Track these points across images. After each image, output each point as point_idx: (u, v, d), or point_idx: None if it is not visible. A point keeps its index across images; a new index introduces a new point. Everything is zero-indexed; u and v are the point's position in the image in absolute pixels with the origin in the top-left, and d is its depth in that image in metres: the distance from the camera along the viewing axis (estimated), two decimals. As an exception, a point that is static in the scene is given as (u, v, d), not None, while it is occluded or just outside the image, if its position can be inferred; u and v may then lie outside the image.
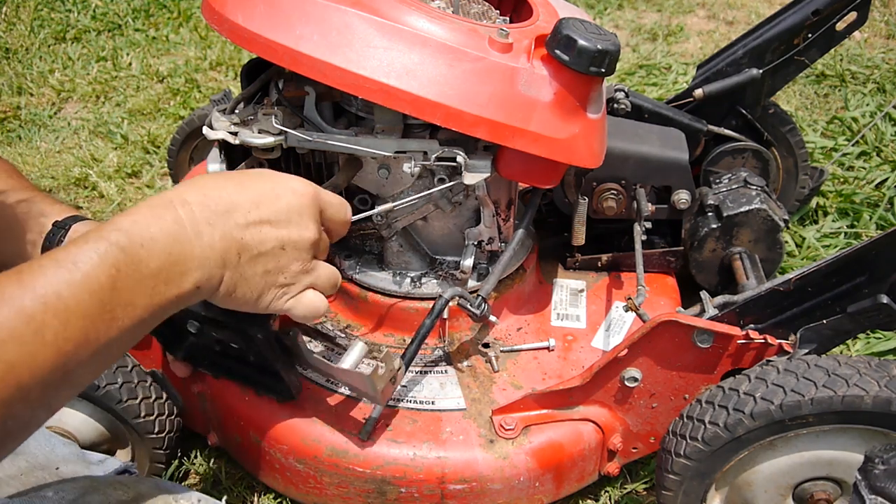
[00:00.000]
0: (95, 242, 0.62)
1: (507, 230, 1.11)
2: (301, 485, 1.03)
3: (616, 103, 1.31)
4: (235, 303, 0.76)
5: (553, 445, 1.01)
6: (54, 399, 0.59)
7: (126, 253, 0.63)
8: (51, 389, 0.57)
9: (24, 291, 0.56)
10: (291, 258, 0.78)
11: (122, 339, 0.63)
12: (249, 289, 0.76)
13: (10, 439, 0.58)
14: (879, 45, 2.40)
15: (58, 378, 0.57)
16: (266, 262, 0.76)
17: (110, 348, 0.62)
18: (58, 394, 0.59)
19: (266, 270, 0.76)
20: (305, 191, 0.80)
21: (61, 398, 0.61)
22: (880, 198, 1.67)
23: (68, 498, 0.81)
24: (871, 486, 0.71)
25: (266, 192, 0.76)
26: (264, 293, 0.77)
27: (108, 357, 0.64)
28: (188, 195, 0.71)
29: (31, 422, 0.58)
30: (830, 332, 0.91)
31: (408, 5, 0.90)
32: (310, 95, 1.00)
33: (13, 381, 0.54)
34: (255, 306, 0.78)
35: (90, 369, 0.62)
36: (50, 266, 0.59)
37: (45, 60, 2.44)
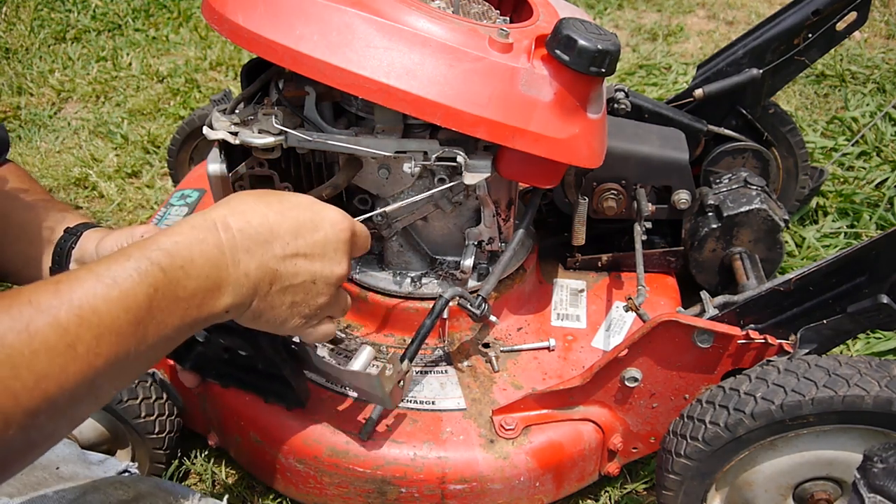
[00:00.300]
0: (137, 261, 0.62)
1: (507, 230, 1.11)
2: (301, 485, 1.03)
3: (616, 103, 1.31)
4: (257, 325, 0.77)
5: (553, 445, 1.01)
6: (78, 412, 0.59)
7: (166, 273, 0.63)
8: (76, 402, 0.57)
9: (61, 303, 0.56)
10: (319, 292, 0.79)
11: (148, 356, 0.63)
12: (275, 315, 0.76)
13: (33, 450, 0.57)
14: (879, 45, 2.40)
15: (84, 391, 0.57)
16: (295, 293, 0.76)
17: (136, 364, 0.62)
18: (82, 407, 0.59)
19: (294, 302, 0.77)
20: (344, 225, 0.80)
21: (85, 411, 0.61)
22: (880, 198, 1.67)
23: (68, 498, 0.81)
24: (870, 485, 0.71)
25: (305, 223, 0.76)
26: (288, 321, 0.78)
27: (133, 372, 0.63)
28: (231, 219, 0.71)
29: (53, 433, 0.58)
30: (830, 332, 0.91)
31: (408, 5, 0.90)
32: (310, 95, 1.00)
33: (40, 393, 0.54)
34: (275, 330, 0.79)
35: (115, 384, 0.62)
36: (89, 279, 0.58)
37: (45, 60, 2.44)
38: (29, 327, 0.53)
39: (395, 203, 1.06)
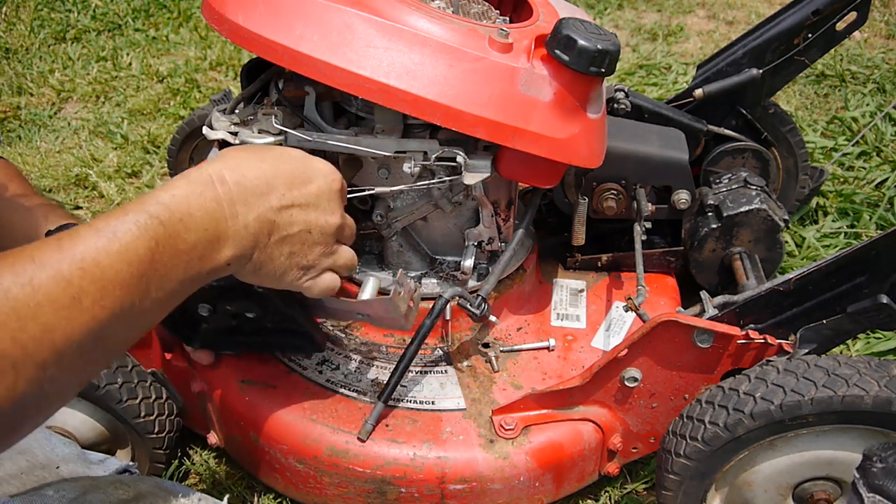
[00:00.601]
0: (136, 214, 0.63)
1: (507, 230, 1.11)
2: (301, 485, 1.03)
3: (616, 103, 1.31)
4: (258, 279, 0.79)
5: (553, 445, 1.01)
6: (87, 366, 0.60)
7: (165, 227, 0.64)
8: (84, 356, 0.58)
9: (63, 257, 0.57)
10: (316, 241, 0.81)
11: (153, 310, 0.64)
12: (274, 267, 0.78)
13: (45, 405, 0.58)
14: (879, 45, 2.40)
15: (91, 344, 0.58)
16: (293, 244, 0.78)
17: (142, 318, 0.63)
18: (90, 361, 0.60)
19: (292, 252, 0.79)
20: (334, 177, 0.83)
21: (93, 367, 0.62)
22: (880, 198, 1.67)
23: (69, 497, 0.81)
24: (869, 485, 0.71)
25: (298, 175, 0.79)
26: (287, 272, 0.80)
27: (139, 327, 0.65)
28: (226, 173, 0.72)
29: (65, 388, 0.59)
30: (830, 332, 0.91)
31: (408, 5, 0.90)
32: (310, 95, 1.00)
33: (48, 345, 0.55)
34: (275, 283, 0.81)
35: (122, 338, 0.63)
36: (89, 234, 0.60)
37: (45, 60, 2.44)
38: (32, 281, 0.54)
39: (396, 202, 1.06)
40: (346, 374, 1.07)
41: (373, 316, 0.97)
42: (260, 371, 1.07)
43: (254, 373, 1.07)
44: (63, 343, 0.55)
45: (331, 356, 1.10)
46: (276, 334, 1.01)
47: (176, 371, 1.10)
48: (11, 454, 0.90)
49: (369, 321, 1.01)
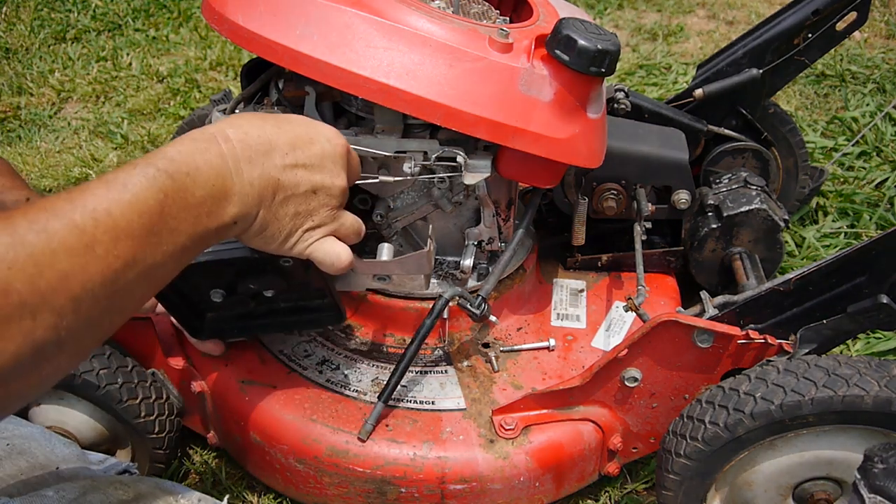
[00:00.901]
0: (144, 168, 0.64)
1: (507, 230, 1.11)
2: (301, 485, 1.03)
3: (616, 103, 1.31)
4: (263, 241, 0.79)
5: (553, 445, 1.01)
6: (102, 318, 0.60)
7: (173, 180, 0.65)
8: (99, 306, 0.59)
9: (75, 207, 0.58)
10: (321, 203, 0.81)
11: (165, 266, 0.65)
12: (279, 228, 0.78)
13: (64, 356, 0.58)
14: (879, 45, 2.40)
15: (106, 294, 0.59)
16: (297, 203, 0.79)
17: (154, 273, 0.64)
18: (105, 312, 0.60)
19: (296, 212, 0.79)
20: (338, 140, 0.84)
21: (108, 320, 0.62)
22: (880, 198, 1.67)
23: (69, 497, 0.81)
24: (870, 485, 0.71)
25: (301, 136, 0.79)
26: (291, 234, 0.80)
27: (151, 283, 0.65)
28: (230, 132, 0.73)
29: (80, 340, 0.59)
30: (830, 332, 0.91)
31: (408, 5, 0.90)
32: (310, 95, 1.00)
33: (65, 292, 0.55)
34: (280, 247, 0.81)
35: (135, 293, 0.63)
36: (100, 187, 0.61)
37: (45, 60, 2.44)
38: (47, 228, 0.55)
39: (396, 202, 1.06)
40: (346, 374, 1.07)
41: (395, 277, 0.97)
42: (260, 371, 1.07)
43: (254, 373, 1.07)
44: (79, 290, 0.56)
45: (331, 356, 1.10)
46: (290, 313, 1.00)
47: (176, 371, 1.10)
48: (11, 454, 0.90)
49: (387, 284, 1.00)
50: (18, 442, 0.92)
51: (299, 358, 1.09)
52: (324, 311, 0.99)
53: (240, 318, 1.00)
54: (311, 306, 0.98)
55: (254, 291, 0.95)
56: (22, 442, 0.92)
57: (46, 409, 1.06)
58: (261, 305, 0.99)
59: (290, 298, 0.98)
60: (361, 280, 1.00)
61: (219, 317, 0.99)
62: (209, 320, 1.00)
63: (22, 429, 0.95)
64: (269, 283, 0.94)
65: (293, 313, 1.00)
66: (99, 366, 1.00)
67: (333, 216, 0.83)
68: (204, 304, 0.96)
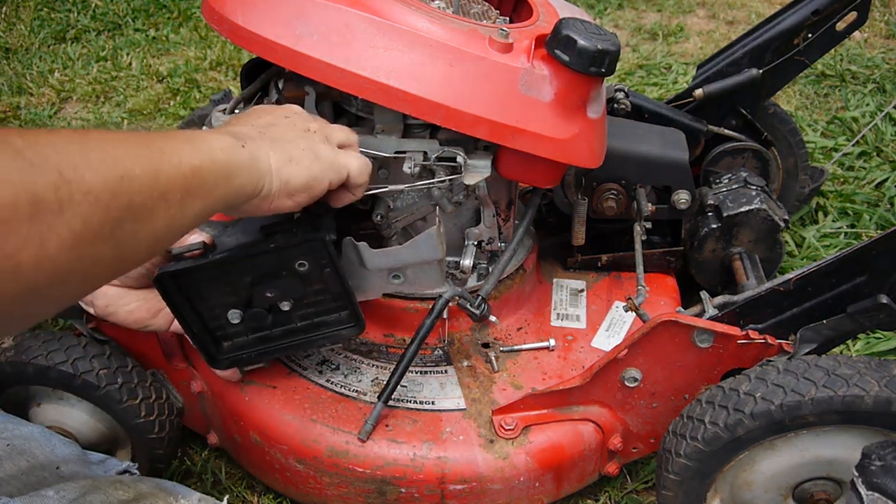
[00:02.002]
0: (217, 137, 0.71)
1: (507, 230, 1.12)
2: (301, 485, 1.03)
3: (616, 103, 1.31)
4: (296, 182, 0.78)
5: (553, 445, 1.01)
6: (147, 229, 0.61)
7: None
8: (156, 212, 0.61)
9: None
10: (303, 120, 0.84)
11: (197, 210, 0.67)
12: (296, 152, 0.79)
13: (117, 253, 0.58)
14: (879, 45, 2.40)
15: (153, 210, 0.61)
16: (300, 128, 0.82)
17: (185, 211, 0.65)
18: (148, 224, 0.61)
19: (305, 129, 0.83)
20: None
21: (126, 240, 0.61)
22: (880, 198, 1.68)
23: (69, 497, 0.81)
24: (868, 483, 0.71)
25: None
26: (309, 153, 0.80)
27: (180, 221, 0.65)
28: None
29: (124, 247, 0.59)
30: (830, 332, 0.91)
31: (408, 5, 0.90)
32: (310, 95, 1.00)
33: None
34: (313, 176, 0.80)
35: (168, 227, 0.64)
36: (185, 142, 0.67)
37: (45, 60, 2.44)
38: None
39: (396, 203, 1.06)
40: (346, 374, 1.07)
41: (409, 273, 0.97)
42: (260, 371, 1.07)
43: (254, 373, 1.07)
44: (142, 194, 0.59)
45: (331, 356, 1.10)
46: (308, 330, 0.99)
47: (176, 371, 1.10)
48: (11, 454, 0.90)
49: (402, 285, 1.01)
50: (18, 442, 0.92)
51: (299, 358, 1.09)
52: (342, 323, 0.98)
53: (258, 341, 0.99)
54: (330, 320, 0.97)
55: (271, 302, 0.94)
56: (22, 442, 0.92)
57: (46, 409, 1.06)
58: (278, 326, 0.98)
59: (307, 314, 0.97)
60: (376, 284, 0.99)
61: (236, 344, 0.98)
62: (227, 348, 0.98)
63: (22, 429, 0.95)
64: (287, 289, 0.93)
65: (311, 330, 0.99)
66: (99, 366, 1.00)
67: (322, 130, 0.85)
68: (221, 329, 0.96)
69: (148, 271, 0.92)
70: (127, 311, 0.94)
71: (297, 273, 0.91)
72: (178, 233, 0.66)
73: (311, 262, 0.90)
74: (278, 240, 0.87)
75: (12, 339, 1.01)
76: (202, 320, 0.94)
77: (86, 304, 0.97)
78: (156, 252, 0.65)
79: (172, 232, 0.65)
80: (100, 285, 0.61)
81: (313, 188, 0.80)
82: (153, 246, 0.63)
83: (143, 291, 0.95)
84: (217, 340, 0.97)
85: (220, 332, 0.96)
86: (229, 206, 0.73)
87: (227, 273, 0.90)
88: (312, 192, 0.81)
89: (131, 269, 0.65)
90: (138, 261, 0.63)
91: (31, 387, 1.05)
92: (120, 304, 0.93)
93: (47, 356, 0.99)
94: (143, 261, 0.65)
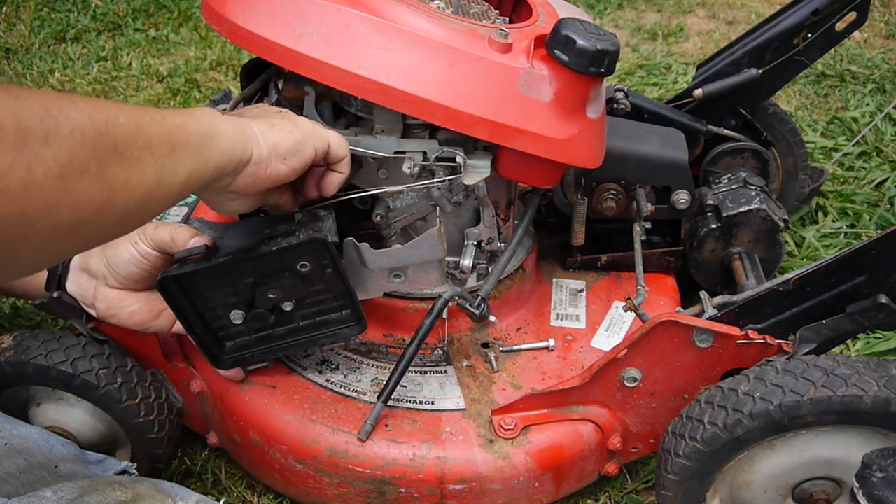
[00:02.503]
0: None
1: (506, 230, 1.12)
2: (300, 485, 1.03)
3: (616, 103, 1.31)
4: (284, 144, 0.80)
5: (553, 446, 1.01)
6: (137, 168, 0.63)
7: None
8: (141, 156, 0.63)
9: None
10: (274, 109, 0.88)
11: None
12: (276, 121, 0.82)
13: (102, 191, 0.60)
14: (879, 45, 2.40)
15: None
16: (259, 111, 0.85)
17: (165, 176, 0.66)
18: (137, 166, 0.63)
19: (269, 114, 0.85)
20: None
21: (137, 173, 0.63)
22: (880, 198, 1.67)
23: (67, 498, 0.81)
24: (868, 495, 0.70)
25: None
26: (288, 122, 0.83)
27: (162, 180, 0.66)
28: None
29: (116, 191, 0.61)
30: (830, 333, 0.91)
31: (407, 5, 0.90)
32: (309, 95, 1.00)
33: None
34: (297, 140, 0.82)
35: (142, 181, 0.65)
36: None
37: (45, 60, 2.44)
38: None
39: (396, 203, 1.06)
40: (346, 374, 1.07)
41: (410, 273, 0.97)
42: (259, 371, 1.07)
43: (253, 373, 1.07)
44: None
45: (330, 356, 1.10)
46: (310, 329, 0.99)
47: (175, 371, 1.10)
48: (10, 453, 0.91)
49: (403, 284, 1.00)
50: (16, 442, 0.92)
51: (299, 358, 1.09)
52: (344, 322, 0.98)
53: (260, 340, 0.99)
54: (331, 319, 0.98)
55: (273, 303, 0.94)
56: (20, 442, 0.93)
57: (46, 409, 1.06)
58: (280, 326, 0.98)
59: (308, 314, 0.97)
60: (377, 283, 0.99)
61: (239, 344, 0.99)
62: (230, 348, 0.99)
63: (20, 429, 0.95)
64: (289, 290, 0.93)
65: (313, 329, 0.99)
66: (98, 366, 1.00)
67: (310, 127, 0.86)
68: (224, 330, 0.96)
69: (149, 273, 0.93)
70: (128, 312, 0.94)
71: (299, 273, 0.91)
72: (172, 191, 0.67)
73: (312, 263, 0.90)
74: (280, 242, 0.87)
75: (12, 339, 1.01)
76: (205, 321, 0.94)
77: (87, 307, 0.97)
78: (150, 207, 0.66)
79: (164, 187, 0.66)
80: (95, 231, 0.61)
81: (301, 152, 0.82)
82: (146, 199, 0.64)
83: (143, 293, 0.95)
84: (220, 341, 0.97)
85: (223, 332, 0.96)
86: (223, 171, 0.74)
87: (229, 275, 0.90)
88: (302, 156, 0.82)
89: (131, 218, 0.65)
90: (133, 209, 0.64)
91: (31, 387, 1.05)
92: (121, 306, 0.94)
93: (47, 356, 0.99)
94: (137, 213, 0.65)
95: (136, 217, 0.66)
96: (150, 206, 0.66)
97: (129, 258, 0.92)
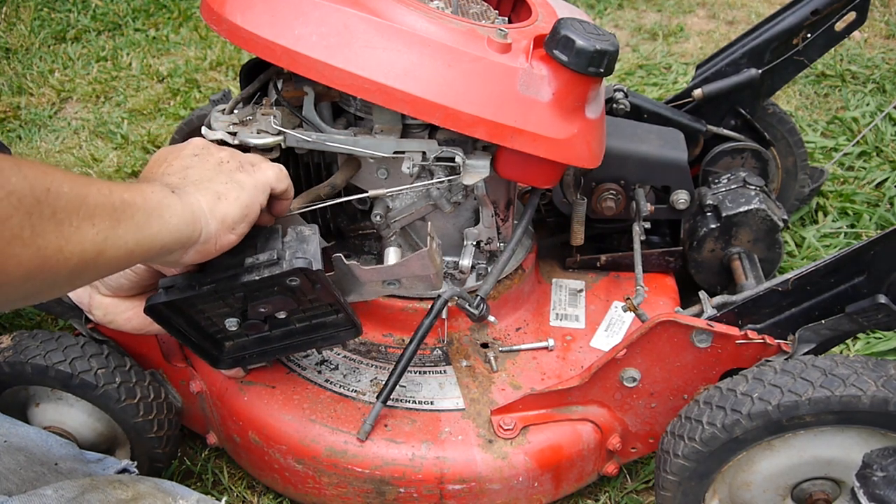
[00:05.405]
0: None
1: (505, 230, 1.12)
2: (300, 485, 1.03)
3: (615, 103, 1.31)
4: (232, 216, 0.79)
5: (552, 446, 1.01)
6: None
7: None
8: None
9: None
10: (211, 153, 0.84)
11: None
12: (221, 188, 0.79)
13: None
14: (879, 45, 2.40)
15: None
16: (200, 170, 0.81)
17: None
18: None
19: (218, 161, 0.83)
20: None
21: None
22: (880, 198, 1.67)
23: (67, 496, 0.81)
24: (869, 494, 0.70)
25: None
26: (233, 185, 0.81)
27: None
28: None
29: (48, 259, 0.61)
30: (829, 332, 0.91)
31: (407, 5, 0.90)
32: (308, 95, 1.00)
33: None
34: (245, 205, 0.81)
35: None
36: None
37: (45, 60, 2.44)
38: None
39: (395, 203, 1.06)
40: (345, 374, 1.07)
41: (404, 281, 0.96)
42: (259, 371, 1.07)
43: (253, 373, 1.07)
44: None
45: (329, 356, 1.10)
46: (306, 332, 0.99)
47: (175, 371, 1.10)
48: (9, 450, 0.91)
49: (399, 290, 0.99)
50: (16, 440, 0.92)
51: (298, 358, 1.09)
52: (339, 326, 0.98)
53: (258, 342, 0.99)
54: (327, 322, 0.98)
55: (265, 315, 0.95)
56: (19, 440, 0.93)
57: (45, 409, 1.06)
58: (277, 329, 0.98)
59: (303, 318, 0.97)
60: (371, 289, 0.99)
61: (237, 345, 0.99)
62: (228, 350, 0.99)
63: (19, 429, 0.95)
64: (280, 304, 0.93)
65: (310, 332, 0.99)
66: (97, 365, 1.00)
67: (240, 160, 0.85)
68: (220, 333, 0.96)
69: (139, 284, 0.92)
70: (125, 318, 0.94)
71: (289, 288, 0.91)
72: (112, 262, 0.68)
73: (301, 280, 0.90)
74: (263, 272, 0.87)
75: (11, 339, 1.01)
76: (200, 329, 0.94)
77: (87, 312, 0.97)
78: (85, 276, 0.67)
79: (104, 259, 0.66)
80: (22, 287, 0.62)
81: (249, 215, 0.82)
82: (80, 268, 0.64)
83: (137, 299, 0.95)
84: (218, 342, 0.97)
85: (220, 335, 0.96)
86: (168, 249, 0.74)
87: (218, 294, 0.90)
88: (250, 218, 0.82)
89: (62, 284, 0.66)
90: (65, 276, 0.64)
91: (30, 387, 1.05)
92: (116, 312, 0.94)
93: (45, 356, 0.99)
94: (68, 281, 0.66)
95: (67, 285, 0.67)
96: (86, 274, 0.66)
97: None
